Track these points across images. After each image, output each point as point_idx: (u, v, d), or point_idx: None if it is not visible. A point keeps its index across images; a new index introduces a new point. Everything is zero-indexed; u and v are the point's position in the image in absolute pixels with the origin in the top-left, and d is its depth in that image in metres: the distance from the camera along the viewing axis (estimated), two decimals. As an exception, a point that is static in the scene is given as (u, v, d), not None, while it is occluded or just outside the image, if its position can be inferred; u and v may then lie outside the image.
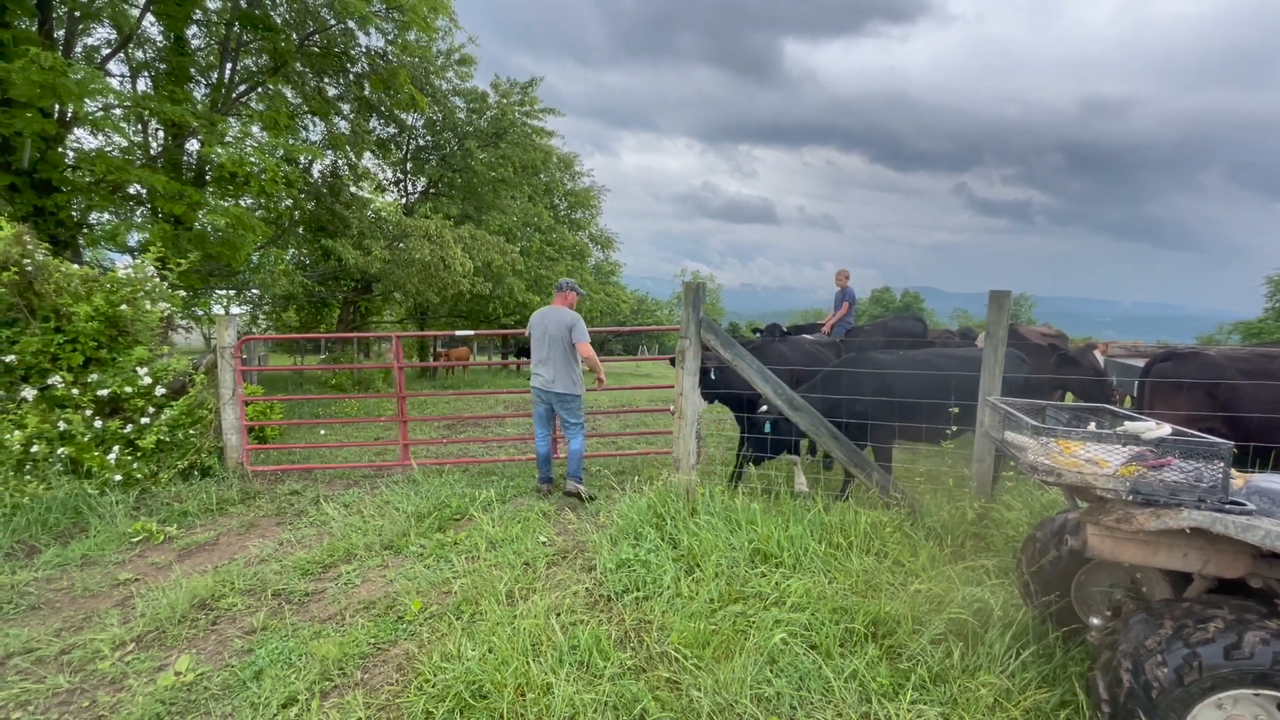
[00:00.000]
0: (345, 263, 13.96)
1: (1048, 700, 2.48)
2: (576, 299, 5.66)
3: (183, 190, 10.12)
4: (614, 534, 4.19)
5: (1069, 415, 2.90)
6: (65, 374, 5.31)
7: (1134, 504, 2.10)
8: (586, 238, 24.05)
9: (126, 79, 12.51)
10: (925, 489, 4.63)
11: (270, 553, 4.44)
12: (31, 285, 5.23)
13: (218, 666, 3.03)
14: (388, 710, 2.65)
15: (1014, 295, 4.63)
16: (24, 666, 3.06)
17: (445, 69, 16.76)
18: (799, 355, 6.59)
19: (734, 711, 2.52)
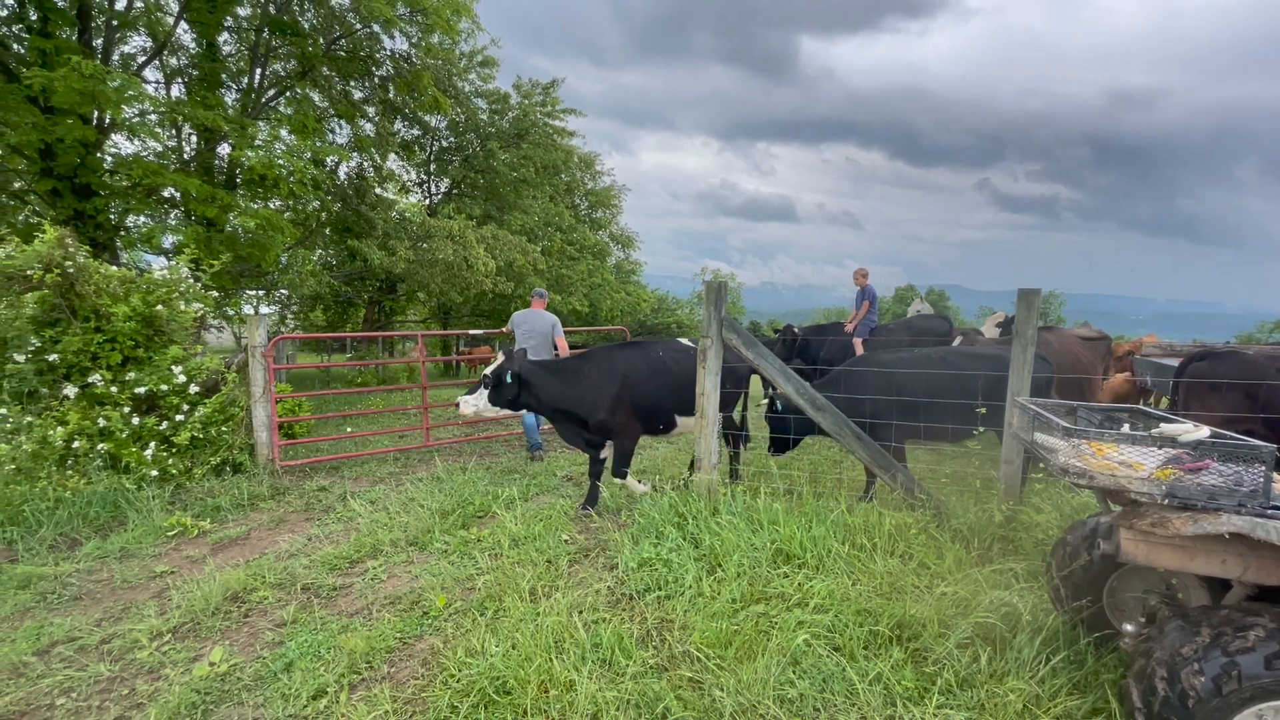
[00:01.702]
0: (370, 263, 14.18)
1: (1079, 707, 2.43)
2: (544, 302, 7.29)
3: (215, 193, 10.37)
4: (635, 533, 4.20)
5: (1101, 416, 2.83)
6: (105, 372, 5.48)
7: (1170, 508, 2.05)
8: (607, 237, 24.08)
9: (161, 85, 12.85)
10: (951, 490, 4.57)
11: (299, 548, 4.54)
12: (73, 286, 5.41)
13: (250, 658, 3.11)
14: (414, 704, 2.70)
15: (1045, 293, 4.55)
16: (67, 654, 3.18)
17: (468, 71, 16.92)
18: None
19: (756, 712, 2.51)
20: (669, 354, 5.14)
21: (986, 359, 4.93)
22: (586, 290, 19.51)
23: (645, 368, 4.97)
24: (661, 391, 4.97)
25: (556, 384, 4.85)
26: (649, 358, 5.04)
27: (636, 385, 4.89)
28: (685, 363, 5.10)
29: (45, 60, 8.97)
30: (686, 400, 4.86)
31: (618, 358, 4.98)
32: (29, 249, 5.33)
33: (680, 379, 5.00)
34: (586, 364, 4.93)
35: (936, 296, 55.38)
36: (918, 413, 4.73)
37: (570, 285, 18.79)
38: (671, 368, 5.05)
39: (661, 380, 4.99)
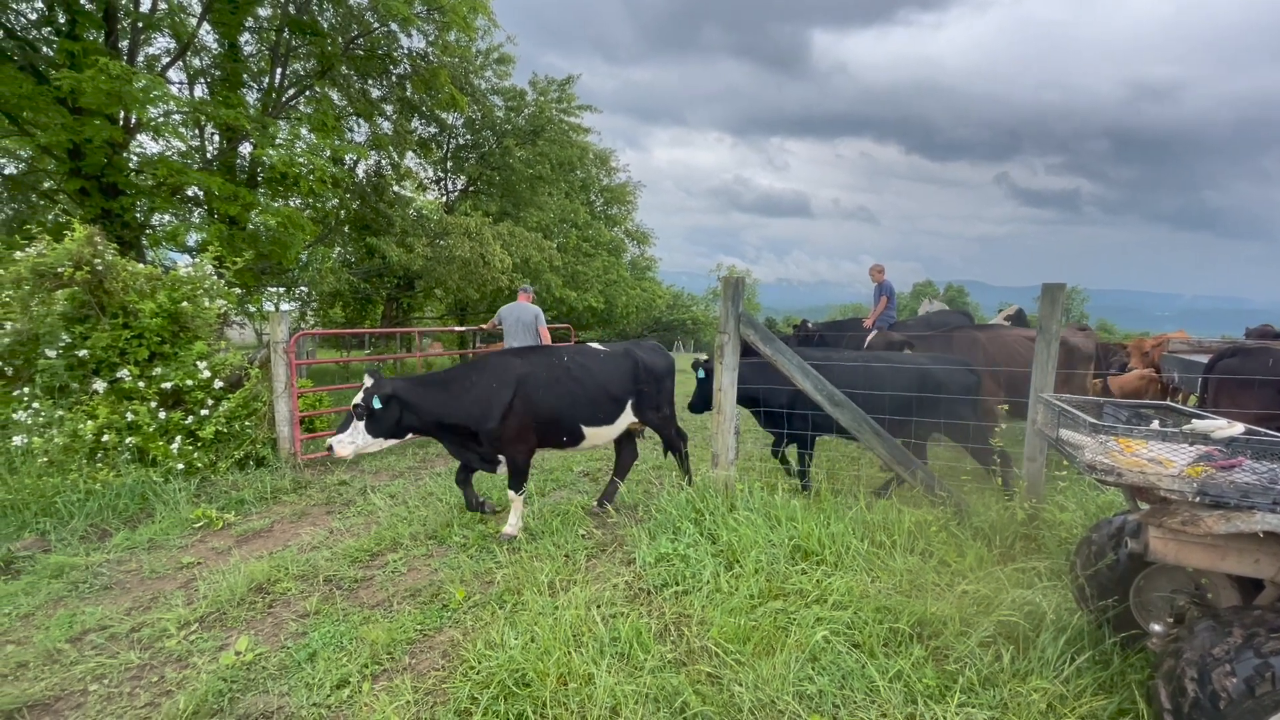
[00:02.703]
0: (389, 260, 14.33)
1: (1104, 708, 2.39)
2: (533, 296, 8.09)
3: (237, 191, 10.53)
4: (653, 528, 4.21)
5: (1129, 413, 2.78)
6: (132, 368, 5.60)
7: (1201, 506, 2.01)
8: (622, 233, 24.10)
9: (184, 86, 13.08)
10: (972, 488, 4.51)
11: (321, 540, 4.61)
12: (102, 284, 5.53)
13: (274, 648, 3.17)
14: (434, 695, 2.73)
15: (1068, 288, 4.48)
16: (99, 642, 3.26)
17: (484, 68, 16.99)
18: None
19: (775, 708, 2.51)
20: (576, 360, 4.66)
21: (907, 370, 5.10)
22: (602, 287, 19.54)
23: (545, 375, 4.48)
24: (564, 401, 4.48)
25: (442, 396, 4.29)
26: (551, 364, 4.56)
27: (534, 394, 4.38)
28: (595, 370, 4.66)
29: (73, 62, 9.16)
30: (596, 410, 4.58)
31: (513, 364, 4.48)
32: (60, 247, 5.46)
33: (588, 387, 4.56)
34: (476, 371, 4.42)
35: (955, 292, 54.64)
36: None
37: (586, 282, 18.83)
38: (578, 375, 4.58)
39: (564, 389, 4.50)
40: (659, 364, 5.01)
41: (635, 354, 4.91)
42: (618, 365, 4.78)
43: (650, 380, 4.89)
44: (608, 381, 4.67)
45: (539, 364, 4.51)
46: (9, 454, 5.26)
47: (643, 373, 4.84)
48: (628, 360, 4.83)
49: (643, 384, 4.83)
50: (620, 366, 4.78)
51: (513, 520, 4.49)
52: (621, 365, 4.79)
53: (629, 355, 4.88)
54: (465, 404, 4.28)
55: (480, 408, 4.27)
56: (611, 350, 4.88)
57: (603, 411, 4.63)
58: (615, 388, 4.70)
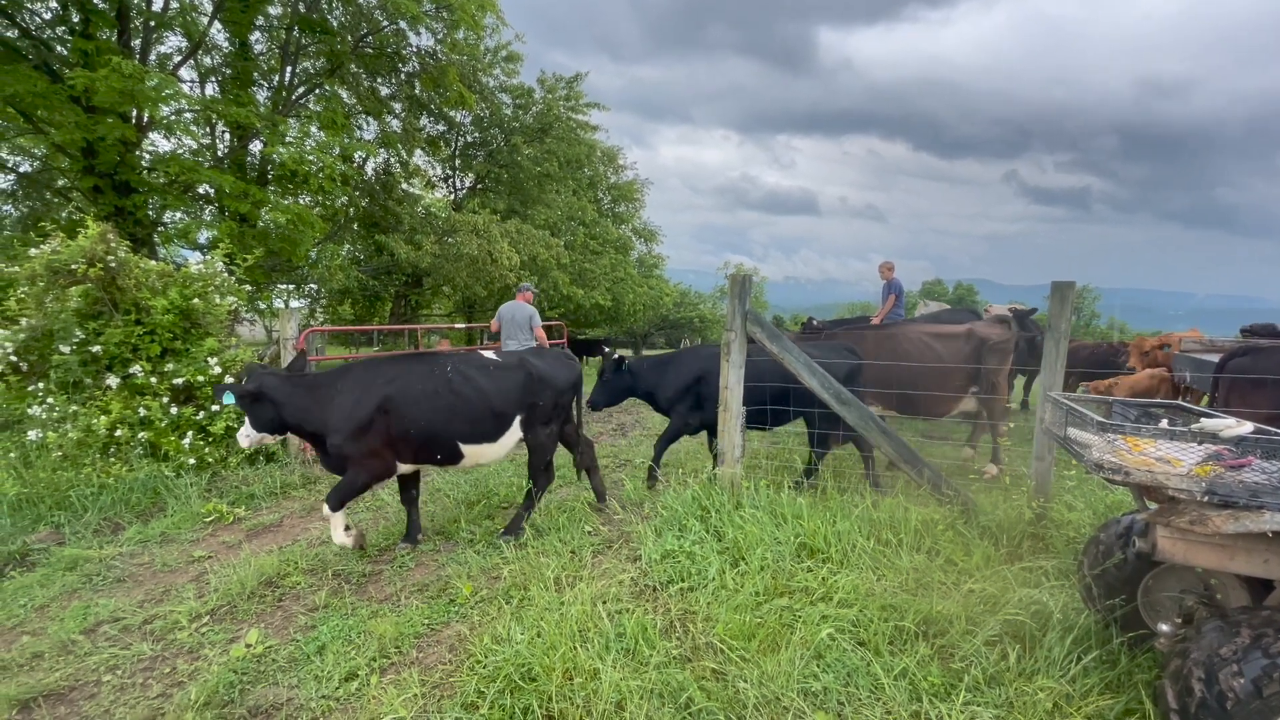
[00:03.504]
0: (397, 257, 14.41)
1: (1111, 707, 2.39)
2: (533, 297, 8.20)
3: (248, 189, 10.63)
4: (659, 525, 4.22)
5: (1138, 412, 2.76)
6: (145, 363, 5.66)
7: (1210, 505, 1.99)
8: (630, 231, 24.10)
9: (196, 84, 13.19)
10: (980, 487, 4.50)
11: (329, 535, 4.64)
12: (115, 281, 5.60)
13: (284, 640, 3.20)
14: (442, 688, 2.76)
15: (1079, 287, 4.46)
16: (112, 633, 3.31)
17: (492, 66, 17.04)
18: None
19: (780, 705, 2.52)
20: (459, 370, 4.17)
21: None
22: (609, 284, 19.55)
23: (419, 387, 4.02)
24: (439, 415, 4.02)
25: (305, 400, 3.90)
26: (428, 374, 4.09)
27: (402, 408, 3.93)
28: (480, 382, 4.16)
29: (87, 61, 9.27)
30: (476, 427, 4.12)
31: (382, 373, 4.02)
32: (74, 244, 5.53)
33: (470, 401, 4.09)
34: (343, 378, 3.99)
35: (964, 291, 54.31)
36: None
37: (593, 280, 18.84)
38: (458, 387, 4.09)
39: (441, 402, 4.03)
40: (560, 375, 4.48)
41: (530, 365, 4.38)
42: (507, 377, 4.26)
43: (548, 394, 4.37)
44: (492, 395, 4.16)
45: (414, 374, 4.06)
46: (24, 448, 5.34)
47: (537, 385, 4.31)
48: (519, 372, 4.30)
49: (537, 398, 4.31)
50: (509, 379, 4.26)
51: (336, 538, 4.01)
52: (511, 377, 4.27)
53: (522, 366, 4.34)
54: (324, 412, 3.88)
55: (335, 418, 3.85)
56: (504, 360, 4.38)
57: (483, 428, 4.13)
58: (501, 402, 4.18)
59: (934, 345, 5.89)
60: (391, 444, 3.97)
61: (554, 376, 4.43)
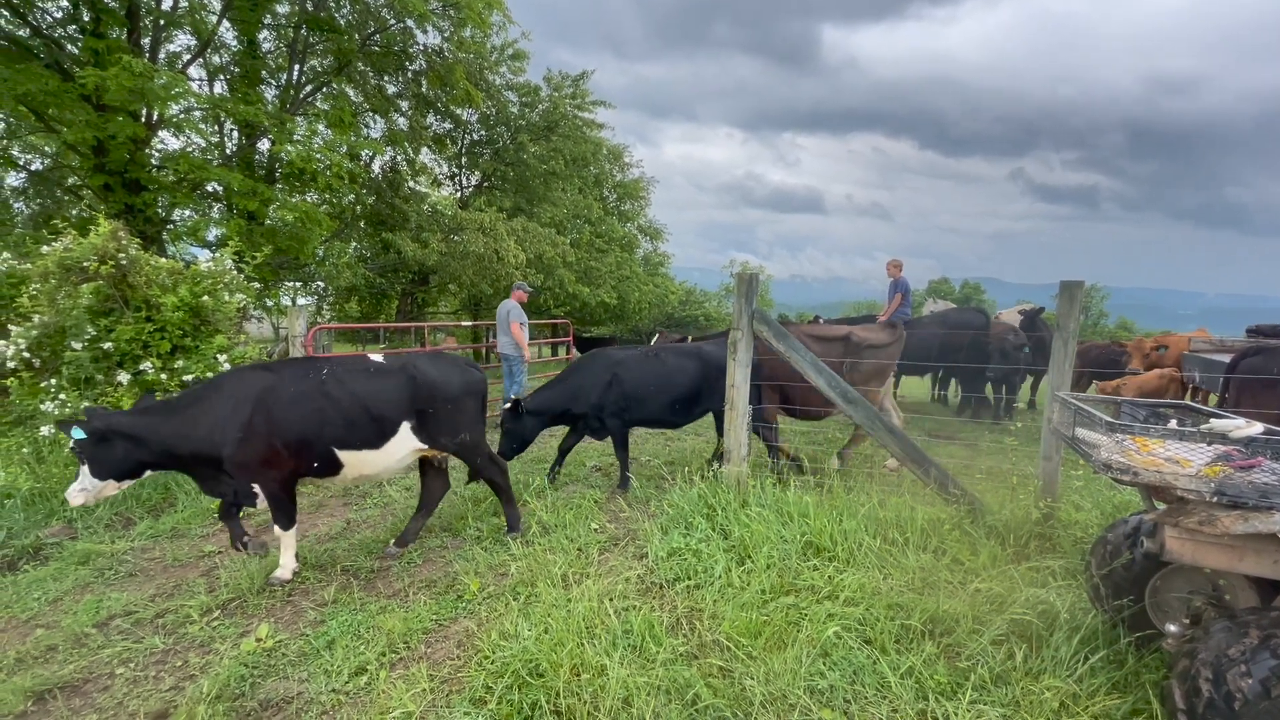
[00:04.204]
0: (404, 255, 14.46)
1: (1118, 707, 2.38)
2: (524, 295, 8.47)
3: (256, 187, 10.69)
4: (665, 523, 4.23)
5: (1146, 412, 2.76)
6: (155, 360, 5.70)
7: (1219, 506, 1.99)
8: (635, 229, 24.09)
9: (204, 83, 13.27)
10: (987, 486, 4.49)
11: (339, 531, 4.69)
12: (126, 278, 5.64)
13: (294, 635, 3.24)
14: (450, 683, 2.78)
15: (1087, 286, 4.44)
16: (125, 627, 3.35)
17: (499, 64, 17.05)
18: None
19: (786, 702, 2.53)
20: (335, 374, 3.91)
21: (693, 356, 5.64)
22: (615, 282, 19.56)
23: (293, 390, 3.77)
24: (312, 421, 3.76)
25: (172, 424, 3.64)
26: (302, 378, 3.84)
27: (277, 411, 3.71)
28: (355, 386, 3.90)
29: (97, 59, 9.34)
30: (354, 433, 3.85)
31: (256, 378, 3.79)
32: (85, 242, 5.57)
33: (343, 405, 3.82)
34: (213, 390, 3.77)
35: (971, 289, 54.04)
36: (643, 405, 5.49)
37: (599, 277, 18.86)
38: (332, 391, 3.81)
39: (314, 406, 3.77)
40: (450, 381, 4.16)
41: (414, 369, 4.08)
42: (387, 381, 3.99)
43: (438, 400, 4.08)
44: (370, 399, 3.89)
45: (288, 378, 3.84)
46: (37, 444, 5.40)
47: (424, 391, 4.03)
48: (401, 376, 4.04)
49: (426, 404, 4.03)
50: (390, 383, 4.00)
51: (284, 561, 3.89)
52: (392, 382, 4.00)
53: (404, 370, 4.07)
54: (201, 429, 3.64)
55: (218, 431, 3.63)
56: (387, 363, 4.13)
57: (362, 435, 3.88)
58: (380, 407, 3.91)
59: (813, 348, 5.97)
60: (278, 450, 3.72)
61: (445, 382, 4.12)
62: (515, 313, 8.19)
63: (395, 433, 3.98)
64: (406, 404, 4.00)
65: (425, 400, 4.04)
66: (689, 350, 5.78)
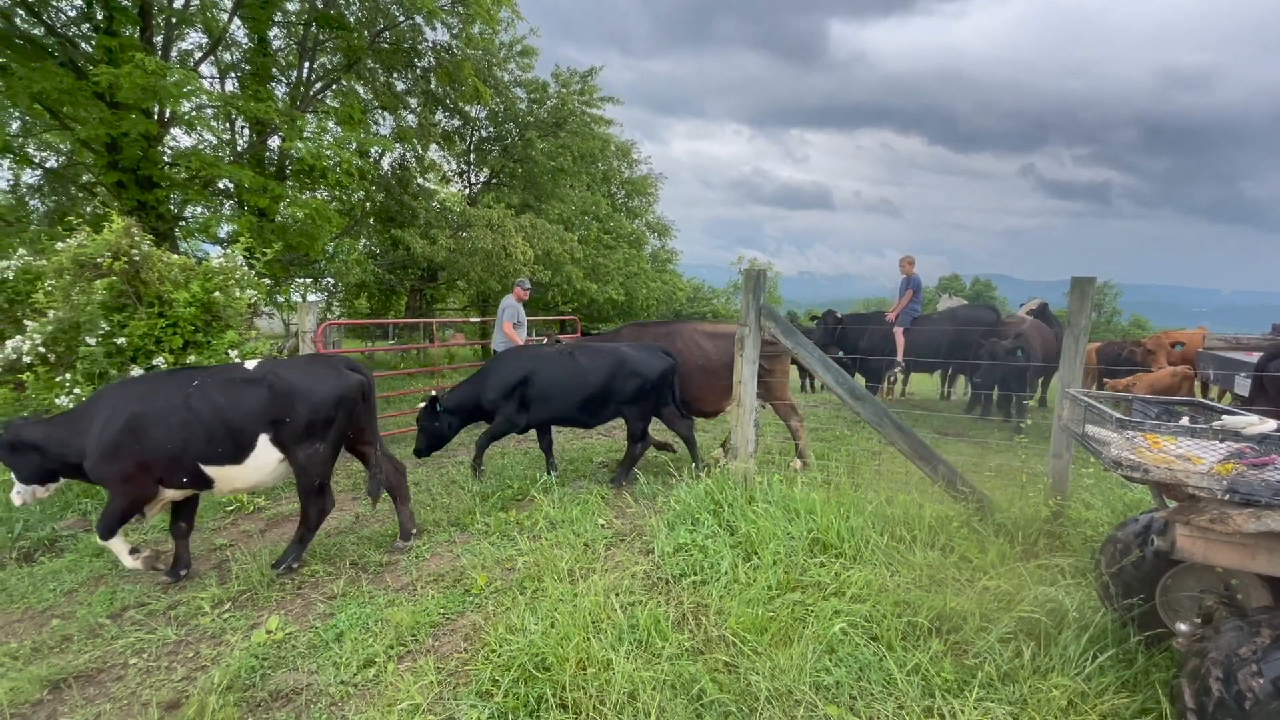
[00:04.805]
0: (413, 252, 14.51)
1: (1127, 706, 2.37)
2: (522, 293, 8.34)
3: (266, 184, 10.74)
4: (671, 519, 4.23)
5: (1159, 409, 2.73)
6: (168, 355, 5.76)
7: (1231, 504, 1.97)
8: (643, 225, 24.04)
9: (216, 80, 13.34)
10: (996, 484, 4.46)
11: (347, 525, 4.73)
12: (138, 274, 5.70)
13: (303, 627, 3.27)
14: (457, 676, 2.80)
15: (1098, 283, 4.40)
16: (138, 618, 3.40)
17: (507, 61, 17.05)
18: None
19: (792, 698, 2.53)
20: (204, 384, 3.74)
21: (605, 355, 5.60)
22: (623, 279, 19.54)
23: (163, 402, 3.63)
24: (176, 434, 3.60)
25: (61, 435, 3.64)
26: (175, 389, 3.70)
27: (146, 427, 3.58)
28: (216, 398, 3.69)
29: (110, 57, 9.41)
30: (214, 446, 3.66)
31: (130, 391, 3.71)
32: (99, 238, 5.64)
33: (204, 417, 3.64)
34: (97, 402, 3.73)
35: (982, 286, 53.60)
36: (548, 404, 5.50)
37: (607, 274, 18.85)
38: (195, 404, 3.65)
39: (179, 419, 3.62)
40: (317, 388, 3.86)
41: (275, 376, 3.83)
42: (245, 392, 3.76)
43: (296, 408, 3.79)
44: (229, 410, 3.69)
45: (162, 389, 3.72)
46: (52, 437, 5.47)
47: (281, 400, 3.77)
48: (261, 386, 3.78)
49: (283, 413, 3.77)
50: (248, 394, 3.76)
51: (124, 557, 3.82)
52: (250, 392, 3.76)
53: (265, 380, 3.81)
54: (81, 441, 3.61)
55: (89, 444, 3.59)
56: (253, 372, 3.88)
57: (222, 448, 3.69)
58: (239, 418, 3.70)
59: (704, 345, 5.99)
60: (145, 466, 3.63)
61: (309, 389, 3.83)
62: (509, 311, 8.23)
63: (254, 446, 3.77)
64: (263, 414, 3.76)
65: (283, 409, 3.77)
66: (603, 350, 5.72)
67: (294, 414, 3.79)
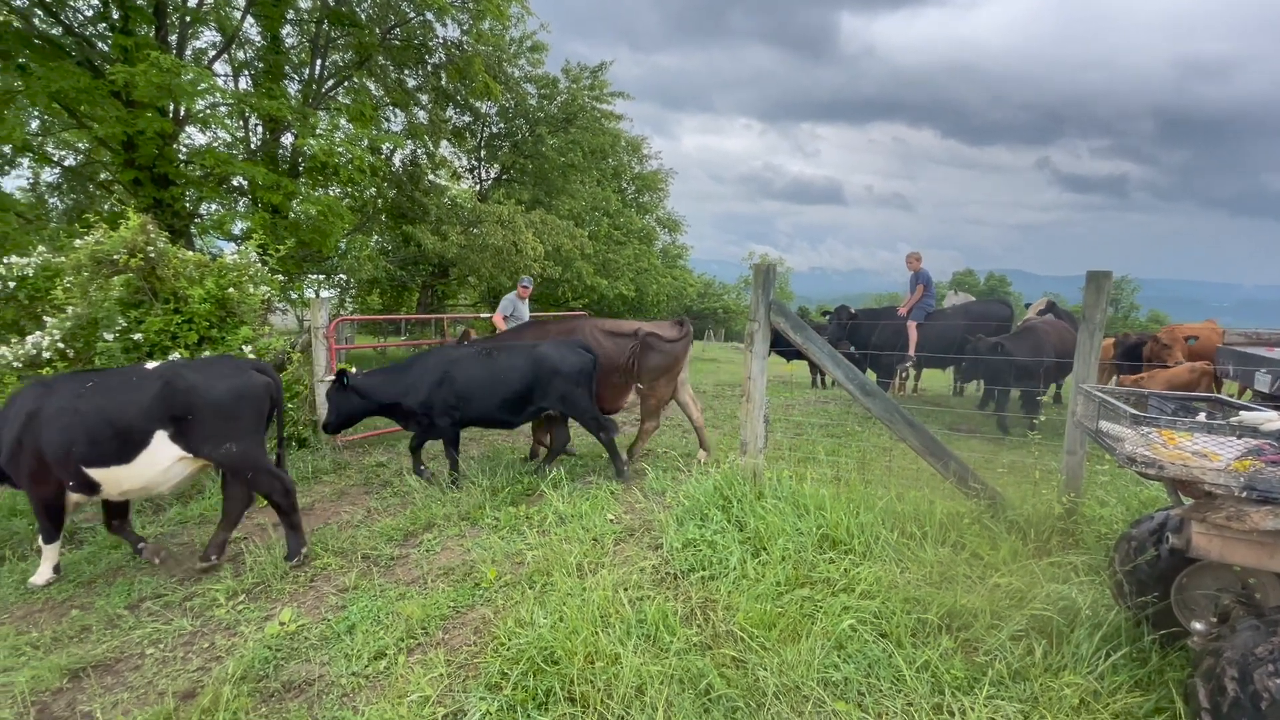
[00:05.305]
0: (424, 248, 14.60)
1: (1140, 705, 2.34)
2: (524, 290, 8.52)
3: (279, 181, 10.85)
4: (680, 514, 4.23)
5: (1176, 405, 2.69)
6: (183, 351, 5.84)
7: (1248, 501, 1.94)
8: (653, 221, 24.01)
9: (229, 78, 13.47)
10: (1009, 481, 4.42)
11: (360, 519, 4.77)
12: (155, 270, 5.77)
13: (316, 619, 3.31)
14: (467, 669, 2.82)
15: (1117, 278, 4.33)
16: (154, 609, 3.45)
17: (517, 56, 17.06)
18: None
19: (800, 693, 2.52)
20: (94, 384, 3.71)
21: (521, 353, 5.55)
22: (633, 275, 19.54)
23: (56, 403, 3.62)
24: (64, 436, 3.57)
25: None
26: (68, 390, 3.69)
27: (40, 426, 3.59)
28: (105, 400, 3.65)
29: (126, 56, 9.52)
30: (100, 448, 3.61)
31: (31, 393, 3.71)
32: (116, 235, 5.71)
33: (90, 418, 3.59)
34: (12, 401, 3.76)
35: (997, 281, 53.08)
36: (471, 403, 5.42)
37: (617, 270, 18.86)
38: (82, 404, 3.61)
39: (66, 420, 3.59)
40: (214, 386, 3.82)
41: (171, 374, 3.78)
42: (137, 392, 3.71)
43: (198, 406, 3.75)
44: (114, 412, 3.63)
45: (59, 390, 3.70)
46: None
47: (181, 397, 3.71)
48: (156, 384, 3.73)
49: (184, 410, 3.72)
50: (139, 391, 3.71)
51: (42, 569, 3.80)
52: (143, 390, 3.71)
53: (161, 377, 3.76)
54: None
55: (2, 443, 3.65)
56: (149, 371, 3.84)
57: (109, 449, 3.63)
58: (128, 419, 3.64)
59: (604, 343, 6.01)
60: (46, 466, 3.62)
61: (207, 387, 3.79)
62: (503, 305, 8.41)
63: (147, 444, 3.70)
64: (160, 412, 3.70)
65: (183, 406, 3.73)
66: (523, 349, 5.64)
67: (195, 411, 3.75)
